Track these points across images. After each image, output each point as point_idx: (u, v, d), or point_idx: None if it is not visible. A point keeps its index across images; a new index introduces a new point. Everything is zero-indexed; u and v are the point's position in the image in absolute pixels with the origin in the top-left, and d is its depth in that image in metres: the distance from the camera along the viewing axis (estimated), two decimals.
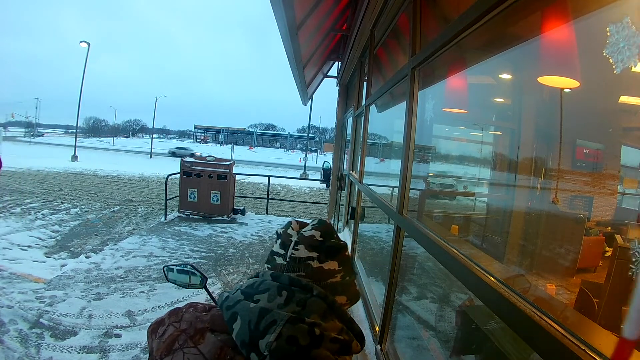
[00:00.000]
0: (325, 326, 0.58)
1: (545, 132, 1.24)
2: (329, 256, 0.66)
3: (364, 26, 3.15)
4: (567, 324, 0.57)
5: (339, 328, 0.60)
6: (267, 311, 0.57)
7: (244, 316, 0.58)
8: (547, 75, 1.03)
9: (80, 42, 22.21)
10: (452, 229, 1.79)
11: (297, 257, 0.65)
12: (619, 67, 0.56)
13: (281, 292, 0.60)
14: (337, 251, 0.68)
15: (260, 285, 0.62)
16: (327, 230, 0.69)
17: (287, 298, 0.59)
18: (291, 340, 0.55)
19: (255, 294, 0.60)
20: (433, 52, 1.33)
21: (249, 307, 0.58)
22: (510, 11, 0.86)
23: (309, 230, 0.68)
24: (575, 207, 1.14)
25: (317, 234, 0.67)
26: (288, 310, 0.57)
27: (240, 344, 0.57)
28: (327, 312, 0.60)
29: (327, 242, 0.67)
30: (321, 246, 0.66)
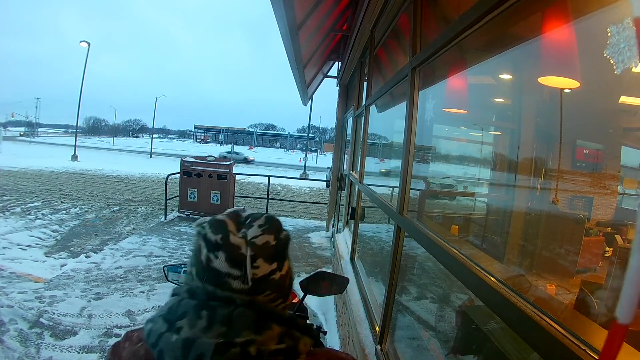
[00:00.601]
0: (262, 340, 0.50)
1: (546, 133, 1.24)
2: (284, 257, 0.57)
3: (364, 26, 3.15)
4: (567, 324, 0.57)
5: (278, 335, 0.52)
6: (192, 342, 0.49)
7: (170, 353, 0.50)
8: (548, 75, 1.03)
9: (81, 42, 22.22)
10: (452, 229, 1.79)
11: (260, 277, 0.53)
12: (620, 68, 0.57)
13: (201, 312, 0.51)
14: (287, 245, 0.58)
15: (179, 308, 0.53)
16: (277, 226, 0.58)
17: (209, 318, 0.50)
18: None
19: (176, 321, 0.52)
20: (433, 53, 1.33)
21: (171, 341, 0.50)
22: (510, 11, 0.86)
23: (259, 235, 0.55)
24: (575, 207, 1.14)
25: (271, 238, 0.56)
26: (213, 335, 0.49)
27: None
28: (260, 321, 0.51)
29: (279, 242, 0.57)
30: (277, 251, 0.56)
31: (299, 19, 2.81)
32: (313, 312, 3.52)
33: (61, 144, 35.44)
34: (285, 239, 0.58)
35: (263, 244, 0.54)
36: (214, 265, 0.53)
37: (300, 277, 4.05)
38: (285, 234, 0.58)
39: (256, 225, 0.56)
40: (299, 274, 4.62)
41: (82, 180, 12.78)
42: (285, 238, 0.58)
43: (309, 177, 19.23)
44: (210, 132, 75.80)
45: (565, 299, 0.94)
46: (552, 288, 1.04)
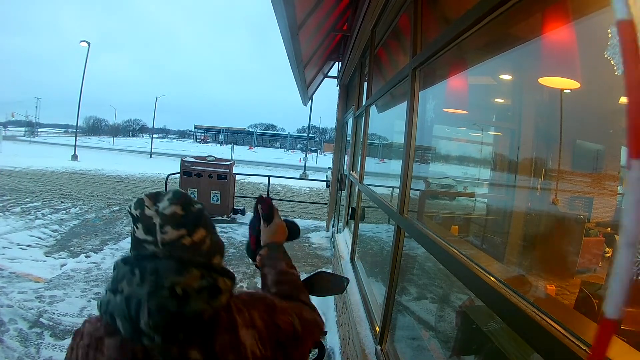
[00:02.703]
0: (185, 281, 0.60)
1: (546, 133, 1.24)
2: (196, 226, 0.65)
3: (365, 26, 3.15)
4: (567, 324, 0.58)
5: (199, 276, 0.61)
6: (130, 297, 0.58)
7: (118, 313, 0.59)
8: (548, 76, 1.03)
9: (81, 41, 22.19)
10: (452, 229, 1.79)
11: (168, 241, 0.62)
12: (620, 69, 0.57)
13: (134, 271, 0.60)
14: (200, 216, 0.66)
15: (118, 275, 0.62)
16: (185, 200, 0.66)
17: (141, 274, 0.59)
18: (160, 309, 0.57)
19: (118, 285, 0.61)
20: (434, 53, 1.33)
21: (116, 302, 0.59)
22: (511, 12, 0.86)
23: (167, 207, 0.64)
24: (575, 207, 1.15)
25: (178, 208, 0.64)
26: (146, 285, 0.58)
27: (131, 338, 0.59)
28: (180, 267, 0.60)
29: (189, 213, 0.65)
30: (186, 219, 0.64)
31: (299, 19, 2.81)
32: None
33: (61, 144, 35.41)
34: (197, 212, 0.66)
35: (171, 213, 0.63)
36: (137, 234, 0.64)
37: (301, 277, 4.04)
38: (197, 207, 0.67)
39: (165, 199, 0.65)
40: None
41: (82, 180, 12.78)
42: (197, 211, 0.66)
43: (309, 177, 19.22)
44: (210, 132, 75.79)
45: (566, 299, 0.95)
46: (552, 288, 1.04)
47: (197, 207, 0.67)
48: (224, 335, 0.61)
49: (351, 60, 4.57)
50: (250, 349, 0.62)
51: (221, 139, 69.58)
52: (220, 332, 0.61)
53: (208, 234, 0.67)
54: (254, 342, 0.63)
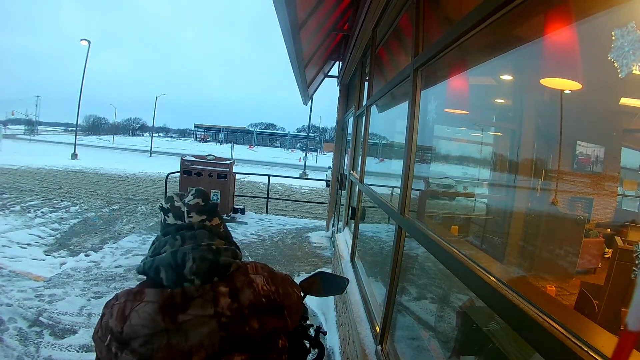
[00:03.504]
0: (216, 244, 0.81)
1: (546, 134, 1.24)
2: (212, 214, 0.87)
3: (366, 26, 3.15)
4: (568, 325, 0.58)
5: (223, 243, 0.84)
6: (176, 251, 0.77)
7: (164, 264, 0.76)
8: (550, 77, 1.03)
9: (81, 40, 22.15)
10: (452, 230, 1.80)
11: (193, 223, 0.84)
12: (624, 71, 0.57)
13: (176, 237, 0.80)
14: (215, 208, 0.90)
15: (159, 244, 0.80)
16: (204, 195, 0.89)
17: (182, 238, 0.79)
18: (202, 259, 0.76)
19: (161, 250, 0.79)
20: (436, 53, 1.33)
21: (162, 257, 0.77)
22: (513, 13, 0.86)
23: (192, 199, 0.87)
24: (575, 208, 1.15)
25: (199, 200, 0.87)
26: (189, 243, 0.78)
27: (173, 284, 0.75)
28: (212, 236, 0.83)
29: (207, 204, 0.88)
30: (205, 209, 0.87)
31: (300, 18, 2.81)
32: (313, 312, 3.53)
33: (61, 142, 35.36)
34: (212, 205, 0.90)
35: (194, 204, 0.86)
36: (168, 221, 0.85)
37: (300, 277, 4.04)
38: (212, 203, 0.90)
39: (189, 194, 0.88)
40: (299, 274, 4.62)
41: (82, 178, 12.77)
42: (212, 204, 0.90)
43: (309, 177, 19.22)
44: (210, 131, 75.76)
45: (566, 300, 0.95)
46: (552, 289, 1.04)
47: (213, 202, 0.91)
48: (241, 277, 0.81)
49: (352, 60, 4.57)
50: (260, 284, 0.82)
51: (221, 138, 69.55)
52: (239, 275, 0.81)
53: (221, 222, 0.90)
54: (262, 281, 0.83)
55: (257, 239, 6.18)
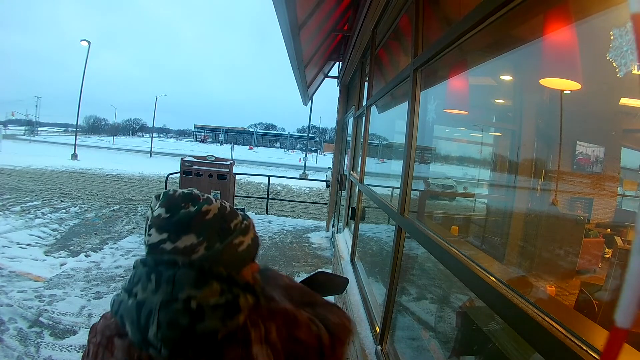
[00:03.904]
0: (202, 295, 0.55)
1: (546, 134, 1.24)
2: (180, 232, 0.58)
3: (366, 27, 3.15)
4: (568, 325, 0.58)
5: (218, 290, 0.57)
6: (142, 303, 0.56)
7: (128, 316, 0.57)
8: (549, 77, 1.03)
9: (81, 40, 22.15)
10: (452, 230, 1.80)
11: (151, 244, 0.59)
12: (622, 71, 0.57)
13: (150, 276, 0.57)
14: (188, 221, 0.59)
15: (135, 277, 0.59)
16: (172, 202, 0.60)
17: (157, 281, 0.56)
18: (172, 325, 0.54)
19: (133, 288, 0.58)
20: (435, 54, 1.33)
21: (128, 305, 0.57)
22: (512, 14, 0.86)
23: (156, 207, 0.61)
24: (575, 208, 1.15)
25: (163, 210, 0.59)
26: (160, 294, 0.55)
27: (138, 345, 0.56)
28: (199, 279, 0.56)
29: (174, 216, 0.59)
30: (168, 224, 0.59)
31: (300, 19, 2.81)
32: None
33: (61, 143, 35.37)
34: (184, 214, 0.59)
35: (156, 215, 0.61)
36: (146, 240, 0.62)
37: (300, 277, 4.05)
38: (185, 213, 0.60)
39: (159, 200, 0.63)
40: (299, 274, 4.61)
41: (82, 179, 12.77)
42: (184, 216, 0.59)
43: (309, 177, 19.22)
44: (210, 131, 75.80)
45: (566, 300, 0.95)
46: (552, 289, 1.04)
47: (188, 209, 0.60)
48: (235, 350, 0.56)
49: (352, 60, 4.57)
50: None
51: (221, 138, 69.60)
52: (232, 348, 0.56)
53: (203, 242, 0.59)
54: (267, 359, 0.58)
55: None
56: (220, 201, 0.64)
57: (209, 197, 0.64)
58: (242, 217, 0.67)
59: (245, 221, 0.66)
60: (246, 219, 0.67)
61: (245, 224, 0.66)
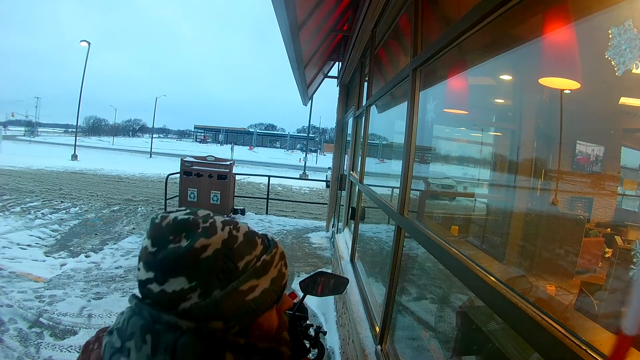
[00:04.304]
0: None
1: (546, 133, 1.24)
2: (168, 273, 0.46)
3: (365, 26, 3.15)
4: (568, 325, 0.58)
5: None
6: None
7: None
8: (548, 76, 1.03)
9: (81, 41, 22.16)
10: (452, 230, 1.80)
11: (139, 281, 0.48)
12: (621, 70, 0.57)
13: (145, 336, 0.46)
14: (177, 260, 0.46)
15: (128, 326, 0.48)
16: (159, 233, 0.48)
17: (153, 345, 0.45)
18: None
19: (127, 340, 0.47)
20: (434, 54, 1.33)
21: None
22: (512, 13, 0.86)
23: (145, 237, 0.50)
24: (575, 208, 1.15)
25: (149, 243, 0.48)
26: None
27: None
28: (208, 351, 0.45)
29: (160, 252, 0.47)
30: (154, 261, 0.47)
31: (300, 19, 2.81)
32: (313, 312, 3.52)
33: (61, 144, 35.40)
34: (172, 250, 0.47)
35: (144, 247, 0.50)
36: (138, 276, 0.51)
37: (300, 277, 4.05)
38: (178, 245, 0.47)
39: None
40: (299, 274, 4.61)
41: (82, 179, 12.77)
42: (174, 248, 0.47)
43: (309, 178, 19.22)
44: (210, 132, 75.87)
45: (566, 300, 0.95)
46: (552, 289, 1.04)
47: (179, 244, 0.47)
48: None
49: (351, 60, 4.57)
50: None
51: (221, 138, 69.66)
52: None
53: (196, 288, 0.46)
54: None
55: None
56: (230, 229, 0.50)
57: (214, 223, 0.49)
58: (261, 250, 0.52)
59: (266, 256, 0.52)
60: (268, 252, 0.52)
61: (265, 261, 0.51)
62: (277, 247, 0.55)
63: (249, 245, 0.50)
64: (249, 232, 0.52)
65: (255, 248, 0.51)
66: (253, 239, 0.52)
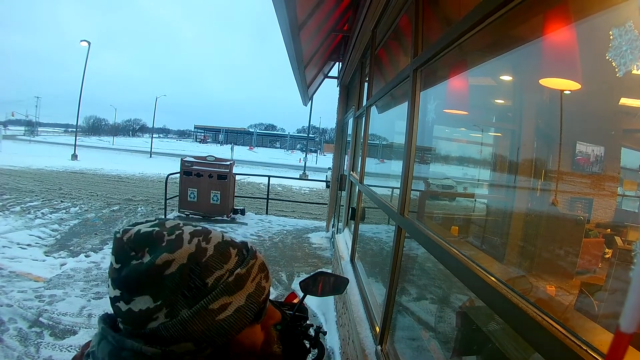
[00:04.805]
0: None
1: (546, 134, 1.24)
2: (133, 292, 0.43)
3: (365, 27, 3.15)
4: (568, 325, 0.58)
5: None
6: None
7: None
8: (549, 77, 1.03)
9: (81, 41, 22.16)
10: (452, 230, 1.80)
11: (110, 297, 0.47)
12: (622, 70, 0.57)
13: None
14: (139, 278, 0.43)
15: (98, 350, 0.46)
16: (120, 249, 0.45)
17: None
18: None
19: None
20: (435, 54, 1.33)
21: None
22: (512, 13, 0.86)
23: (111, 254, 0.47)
24: (575, 208, 1.15)
25: (113, 259, 0.46)
26: None
27: None
28: None
29: (122, 269, 0.44)
30: (119, 279, 0.45)
31: (300, 19, 2.82)
32: (313, 312, 3.52)
33: (61, 143, 35.40)
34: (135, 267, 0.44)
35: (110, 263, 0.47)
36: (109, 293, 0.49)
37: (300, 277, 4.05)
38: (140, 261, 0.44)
39: None
40: (299, 275, 4.61)
41: (82, 179, 12.77)
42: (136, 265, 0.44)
43: (309, 178, 19.22)
44: (210, 132, 75.89)
45: (566, 300, 0.95)
46: (552, 289, 1.04)
47: (141, 260, 0.44)
48: None
49: (352, 60, 4.57)
50: None
51: (221, 138, 69.67)
52: None
53: (162, 307, 0.43)
54: None
55: (257, 239, 6.18)
56: (199, 240, 0.46)
57: (180, 235, 0.46)
58: (235, 262, 0.48)
59: (240, 269, 0.47)
60: (243, 265, 0.48)
61: (238, 275, 0.47)
62: (256, 258, 0.50)
63: (220, 258, 0.46)
64: (222, 242, 0.48)
65: (228, 261, 0.47)
66: (226, 251, 0.47)
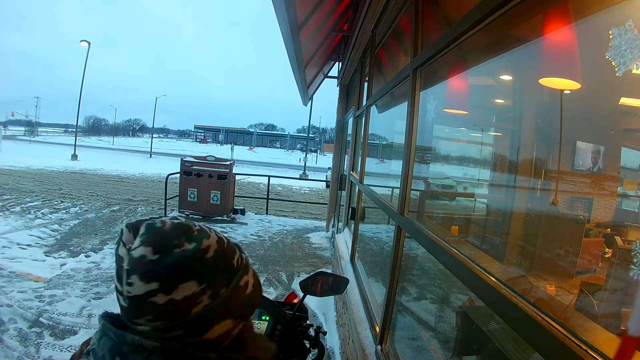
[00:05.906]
0: None
1: (546, 134, 1.24)
2: (176, 279, 0.44)
3: (365, 27, 3.15)
4: (568, 325, 0.58)
5: None
6: None
7: None
8: (549, 77, 1.03)
9: (81, 41, 22.16)
10: (452, 230, 1.80)
11: (134, 297, 0.44)
12: (622, 70, 0.57)
13: (114, 358, 0.45)
14: (187, 264, 0.45)
15: (99, 348, 0.47)
16: (161, 238, 0.46)
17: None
18: None
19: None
20: (435, 54, 1.33)
21: None
22: (512, 13, 0.86)
23: (137, 245, 0.46)
24: (575, 208, 1.15)
25: (148, 250, 0.45)
26: None
27: None
28: None
29: (166, 258, 0.45)
30: (159, 269, 0.44)
31: (300, 19, 2.81)
32: (313, 312, 3.53)
33: (61, 143, 35.40)
34: (179, 255, 0.45)
35: (138, 257, 0.45)
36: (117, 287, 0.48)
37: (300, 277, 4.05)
38: (182, 249, 0.45)
39: (139, 234, 0.47)
40: (299, 275, 4.61)
41: (82, 179, 12.76)
42: (180, 253, 0.45)
43: (309, 178, 19.22)
44: (210, 132, 75.90)
45: (566, 300, 0.95)
46: (552, 289, 1.04)
47: (183, 248, 0.45)
48: None
49: (351, 60, 4.57)
50: None
51: (221, 138, 69.68)
52: None
53: (207, 289, 0.46)
54: None
55: (257, 239, 6.18)
56: (214, 231, 0.52)
57: (202, 226, 0.51)
58: (238, 248, 0.55)
59: (243, 254, 0.55)
60: (243, 252, 0.55)
61: (244, 258, 0.54)
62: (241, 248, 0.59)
63: (231, 244, 0.53)
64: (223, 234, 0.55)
65: (235, 247, 0.54)
66: (230, 241, 0.54)
